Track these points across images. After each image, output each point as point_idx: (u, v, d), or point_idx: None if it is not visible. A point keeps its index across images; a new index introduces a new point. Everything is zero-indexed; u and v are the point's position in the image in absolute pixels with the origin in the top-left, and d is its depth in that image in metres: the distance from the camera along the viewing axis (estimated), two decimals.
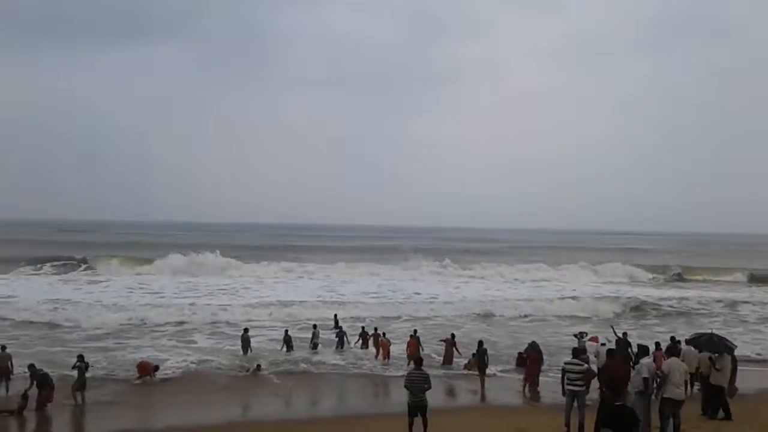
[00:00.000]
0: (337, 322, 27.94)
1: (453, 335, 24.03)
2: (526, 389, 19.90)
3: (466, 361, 22.71)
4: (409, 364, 21.59)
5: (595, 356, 18.28)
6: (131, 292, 41.46)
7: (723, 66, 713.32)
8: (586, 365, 14.70)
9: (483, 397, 19.56)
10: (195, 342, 26.93)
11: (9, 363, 19.54)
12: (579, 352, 15.08)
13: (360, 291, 44.21)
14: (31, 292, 39.16)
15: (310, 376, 22.22)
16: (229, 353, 24.42)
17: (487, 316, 35.30)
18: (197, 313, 32.37)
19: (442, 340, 24.39)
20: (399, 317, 34.09)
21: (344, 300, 39.11)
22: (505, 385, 21.03)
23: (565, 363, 14.50)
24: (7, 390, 18.81)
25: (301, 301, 37.20)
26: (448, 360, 23.29)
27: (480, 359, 20.67)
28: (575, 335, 23.45)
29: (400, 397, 16.44)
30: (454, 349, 23.30)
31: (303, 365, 23.11)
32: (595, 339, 22.40)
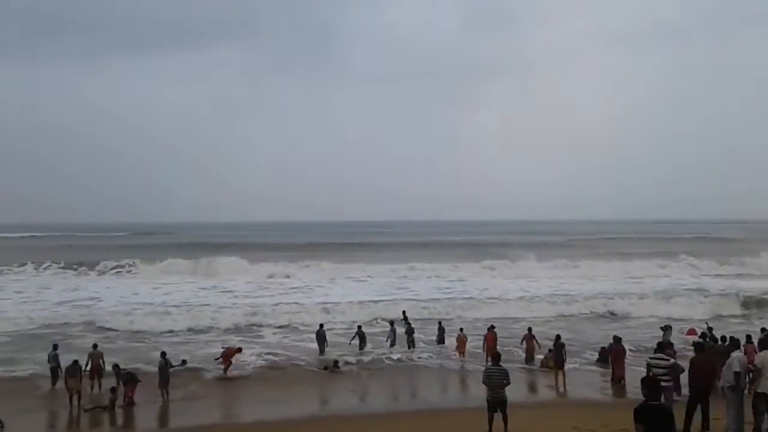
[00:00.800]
0: (406, 318, 28.11)
1: (530, 329, 23.71)
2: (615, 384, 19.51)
3: (542, 357, 22.38)
4: (487, 359, 21.47)
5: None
6: (205, 290, 42.87)
7: None
8: (672, 360, 14.25)
9: (563, 393, 19.26)
10: (270, 339, 27.51)
11: (101, 360, 20.55)
12: (664, 347, 14.65)
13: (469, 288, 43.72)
14: (114, 292, 41.07)
15: (386, 371, 22.42)
16: (306, 349, 24.88)
17: (617, 316, 33.56)
18: (272, 311, 33.01)
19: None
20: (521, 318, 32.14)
21: (419, 297, 38.72)
22: (586, 380, 20.64)
23: (650, 358, 14.10)
24: (100, 387, 19.69)
25: (375, 301, 36.83)
26: (529, 356, 22.80)
27: (557, 354, 20.38)
28: (661, 328, 22.74)
29: (478, 392, 16.42)
30: (534, 343, 22.92)
31: (378, 361, 23.37)
32: (692, 332, 21.63)
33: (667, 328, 22.70)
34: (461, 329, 24.87)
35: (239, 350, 22.34)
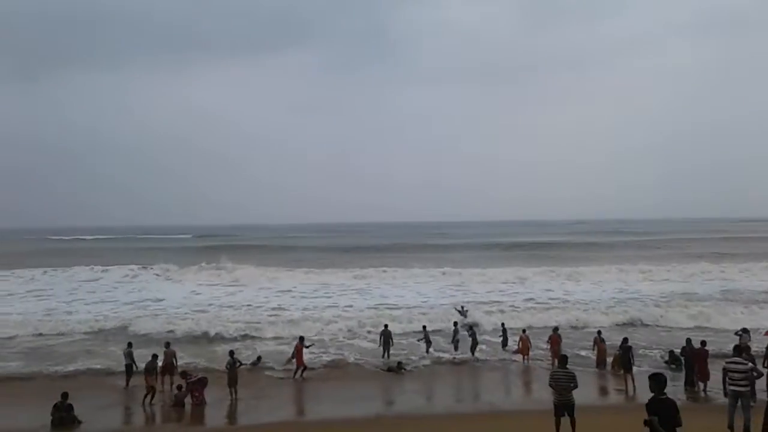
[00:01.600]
0: (464, 312, 28.09)
1: (600, 332, 23.20)
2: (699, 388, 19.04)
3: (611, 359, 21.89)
4: (553, 362, 21.13)
5: None
6: (265, 289, 43.79)
7: None
8: (750, 364, 13.70)
9: (632, 396, 18.77)
10: (335, 339, 27.74)
11: (173, 359, 21.27)
12: (742, 351, 14.05)
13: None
14: (177, 292, 42.49)
15: (450, 372, 22.43)
16: (370, 350, 25.03)
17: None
18: (332, 312, 33.50)
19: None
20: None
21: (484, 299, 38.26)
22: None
23: (727, 362, 13.60)
24: (171, 385, 20.32)
25: (441, 303, 36.49)
26: (600, 360, 22.28)
27: (624, 357, 19.91)
28: (737, 333, 21.86)
29: (544, 395, 16.19)
30: (605, 346, 22.36)
31: (442, 362, 23.37)
32: None
33: (744, 331, 21.78)
34: (524, 330, 24.58)
35: (301, 339, 22.63)
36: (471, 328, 25.97)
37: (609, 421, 15.58)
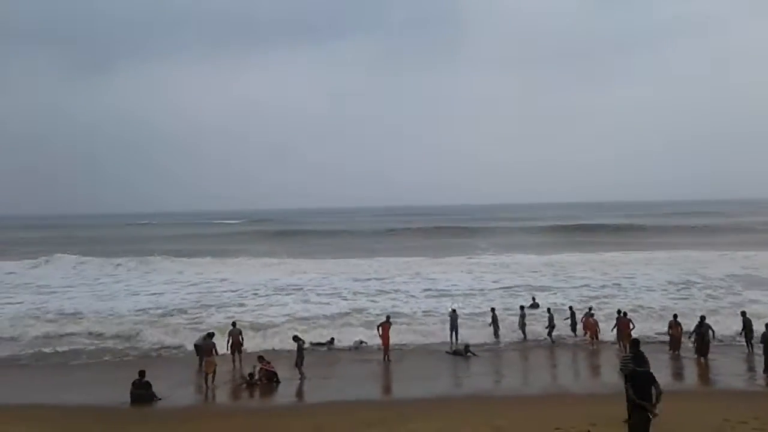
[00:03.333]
0: (535, 305, 27.70)
1: (676, 315, 22.48)
2: None
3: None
4: (622, 346, 20.60)
5: None
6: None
7: None
8: None
9: (708, 381, 18.18)
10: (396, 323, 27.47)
11: (240, 337, 21.86)
12: None
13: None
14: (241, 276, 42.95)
15: (517, 355, 22.31)
16: (437, 334, 24.87)
17: None
18: (389, 296, 33.43)
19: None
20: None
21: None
22: (735, 368, 19.52)
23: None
24: (240, 363, 20.94)
25: (507, 287, 35.66)
26: (674, 344, 21.54)
27: (699, 339, 19.35)
28: None
29: (613, 378, 15.83)
30: (680, 330, 21.60)
31: (510, 345, 23.25)
32: None
33: None
34: (591, 313, 24.00)
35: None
36: (549, 311, 25.45)
37: (685, 408, 15.10)
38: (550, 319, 24.27)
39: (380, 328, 21.98)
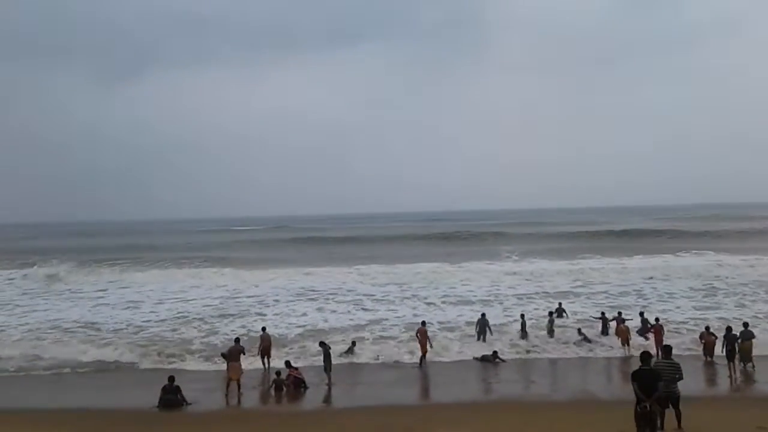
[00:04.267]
0: (561, 310, 27.72)
1: (708, 327, 22.15)
2: None
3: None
4: (657, 353, 20.13)
5: None
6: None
7: None
8: None
9: (738, 387, 17.92)
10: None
11: (269, 343, 22.01)
12: None
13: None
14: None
15: (546, 361, 22.12)
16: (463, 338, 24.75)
17: None
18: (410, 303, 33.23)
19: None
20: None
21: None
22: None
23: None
24: (269, 366, 21.16)
25: (528, 294, 35.12)
26: (708, 351, 21.07)
27: (728, 345, 19.34)
28: None
29: None
30: (714, 339, 21.05)
31: (538, 350, 23.10)
32: None
33: None
34: (623, 319, 23.68)
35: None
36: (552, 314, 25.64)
37: (718, 415, 14.88)
38: (550, 322, 24.60)
39: (418, 333, 22.03)
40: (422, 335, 21.80)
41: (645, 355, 12.10)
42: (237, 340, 20.24)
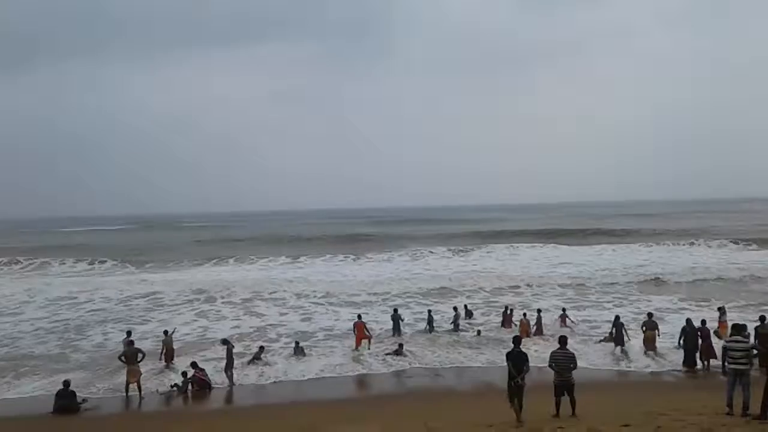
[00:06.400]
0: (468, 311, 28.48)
1: (650, 314, 22.22)
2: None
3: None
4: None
5: None
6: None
7: None
8: (750, 342, 13.68)
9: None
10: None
11: (171, 346, 21.51)
12: (741, 329, 13.95)
13: None
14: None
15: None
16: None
17: None
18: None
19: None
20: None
21: None
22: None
23: (727, 341, 13.56)
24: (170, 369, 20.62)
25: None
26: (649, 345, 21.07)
27: (617, 331, 21.17)
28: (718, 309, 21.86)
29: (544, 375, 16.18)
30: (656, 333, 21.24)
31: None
32: None
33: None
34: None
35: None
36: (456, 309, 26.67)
37: (606, 400, 15.61)
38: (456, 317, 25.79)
39: (355, 328, 22.81)
40: (359, 329, 22.62)
41: (516, 339, 13.70)
42: (131, 342, 19.13)
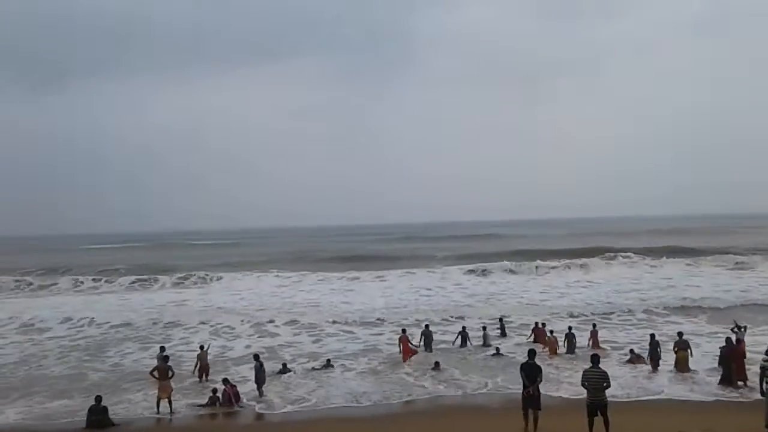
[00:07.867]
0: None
1: (680, 332, 21.81)
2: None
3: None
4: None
5: None
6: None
7: None
8: None
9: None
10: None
11: (206, 362, 21.56)
12: None
13: None
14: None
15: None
16: None
17: None
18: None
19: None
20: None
21: None
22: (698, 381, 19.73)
23: (764, 360, 13.30)
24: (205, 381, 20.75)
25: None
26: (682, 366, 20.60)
27: (652, 352, 20.76)
28: (732, 329, 21.26)
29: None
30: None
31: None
32: None
33: (739, 329, 21.17)
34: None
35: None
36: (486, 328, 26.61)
37: (644, 420, 15.39)
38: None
39: (400, 342, 23.20)
40: (404, 343, 23.00)
41: (531, 352, 14.93)
42: (165, 358, 19.38)
